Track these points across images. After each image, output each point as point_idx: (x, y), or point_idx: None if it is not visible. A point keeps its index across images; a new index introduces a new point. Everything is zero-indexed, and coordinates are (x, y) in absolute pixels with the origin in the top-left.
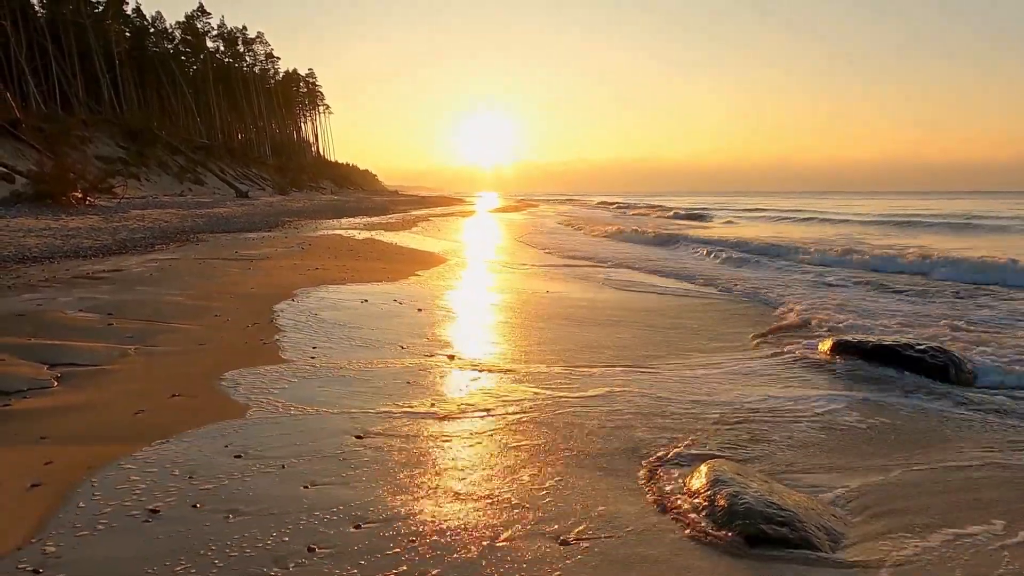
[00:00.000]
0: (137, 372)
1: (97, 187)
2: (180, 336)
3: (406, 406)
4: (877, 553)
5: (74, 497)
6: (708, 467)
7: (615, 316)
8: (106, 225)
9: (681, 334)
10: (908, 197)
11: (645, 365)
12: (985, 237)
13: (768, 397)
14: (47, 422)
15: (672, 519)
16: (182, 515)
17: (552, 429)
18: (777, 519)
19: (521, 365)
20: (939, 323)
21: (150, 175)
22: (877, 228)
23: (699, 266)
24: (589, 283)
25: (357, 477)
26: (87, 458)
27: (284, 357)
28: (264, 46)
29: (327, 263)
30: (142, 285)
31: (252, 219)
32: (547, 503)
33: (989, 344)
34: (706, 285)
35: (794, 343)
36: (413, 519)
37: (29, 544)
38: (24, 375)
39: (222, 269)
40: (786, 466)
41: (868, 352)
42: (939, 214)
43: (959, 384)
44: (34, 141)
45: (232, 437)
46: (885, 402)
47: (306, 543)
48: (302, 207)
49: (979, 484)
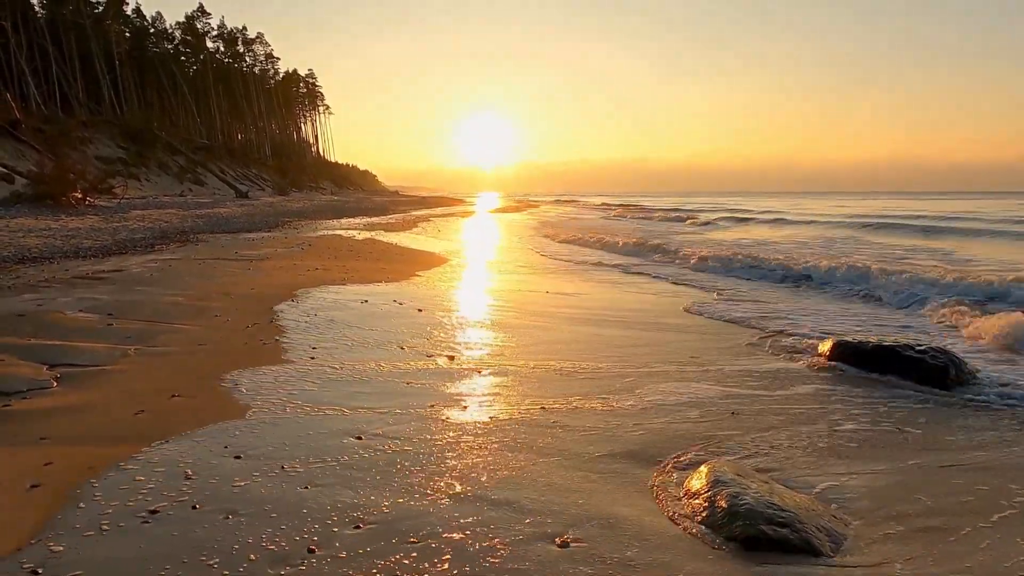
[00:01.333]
0: (137, 373)
1: (97, 188)
2: (180, 336)
3: (405, 407)
4: (878, 555)
5: (74, 498)
6: (708, 468)
7: (614, 317)
8: (106, 225)
9: (677, 335)
10: (905, 198)
11: (644, 366)
12: (946, 239)
13: (767, 398)
14: (47, 423)
15: (672, 520)
16: (182, 516)
17: (551, 430)
18: (778, 520)
19: (521, 366)
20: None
21: (150, 175)
22: (846, 230)
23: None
24: (589, 282)
25: (357, 478)
26: (87, 459)
27: (284, 358)
28: (264, 46)
29: (327, 263)
30: (142, 285)
31: (252, 219)
32: (546, 504)
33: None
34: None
35: (792, 345)
36: (413, 520)
37: (29, 545)
38: (24, 376)
39: (222, 269)
40: (786, 467)
41: (868, 353)
42: (920, 215)
43: (959, 384)
44: (34, 142)
45: (232, 438)
46: (886, 403)
47: (306, 544)
48: (302, 207)
49: (981, 485)
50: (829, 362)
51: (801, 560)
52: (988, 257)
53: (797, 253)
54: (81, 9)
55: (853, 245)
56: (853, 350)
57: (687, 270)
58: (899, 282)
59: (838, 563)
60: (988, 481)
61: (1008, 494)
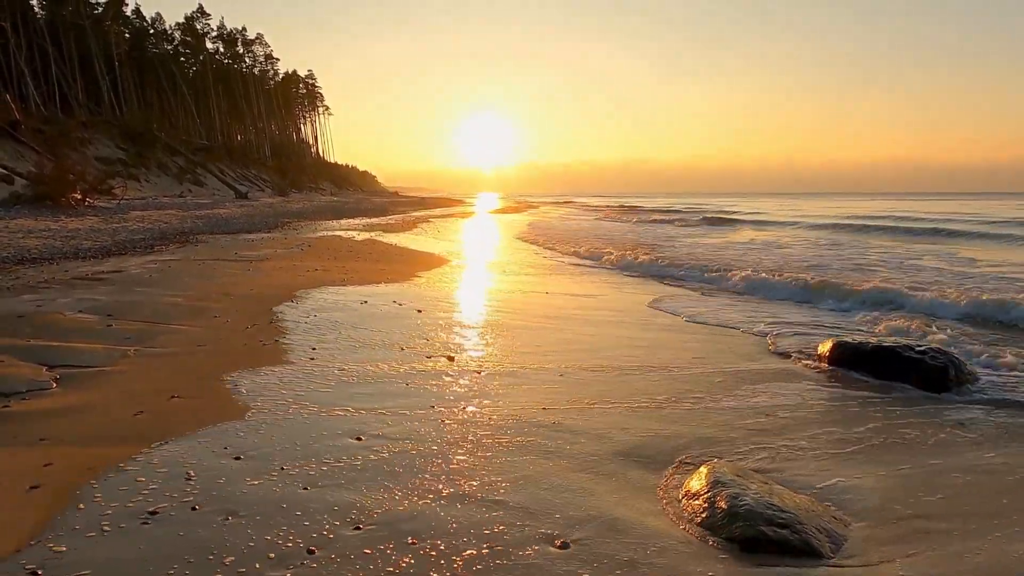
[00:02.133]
0: (136, 373)
1: (97, 188)
2: (180, 337)
3: (405, 408)
4: (878, 556)
5: (74, 499)
6: (708, 469)
7: (614, 318)
8: (105, 226)
9: (677, 337)
10: (903, 199)
11: (641, 368)
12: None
13: (765, 399)
14: (46, 424)
15: (671, 521)
16: (182, 517)
17: (551, 431)
18: (777, 521)
19: (520, 367)
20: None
21: (150, 176)
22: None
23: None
24: (588, 283)
25: (356, 479)
26: (86, 460)
27: (284, 358)
28: (264, 47)
29: (327, 264)
30: (142, 286)
31: (252, 220)
32: (546, 505)
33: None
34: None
35: (791, 346)
36: (413, 521)
37: (29, 546)
38: (23, 376)
39: (222, 270)
40: (786, 468)
41: (868, 354)
42: (906, 217)
43: (959, 385)
44: (34, 143)
45: (231, 439)
46: (886, 404)
47: (305, 545)
48: (301, 208)
49: (981, 486)
50: (828, 363)
51: (801, 561)
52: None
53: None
54: (80, 10)
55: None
56: (853, 351)
57: (677, 278)
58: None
59: (838, 564)
60: (988, 482)
61: (1007, 495)
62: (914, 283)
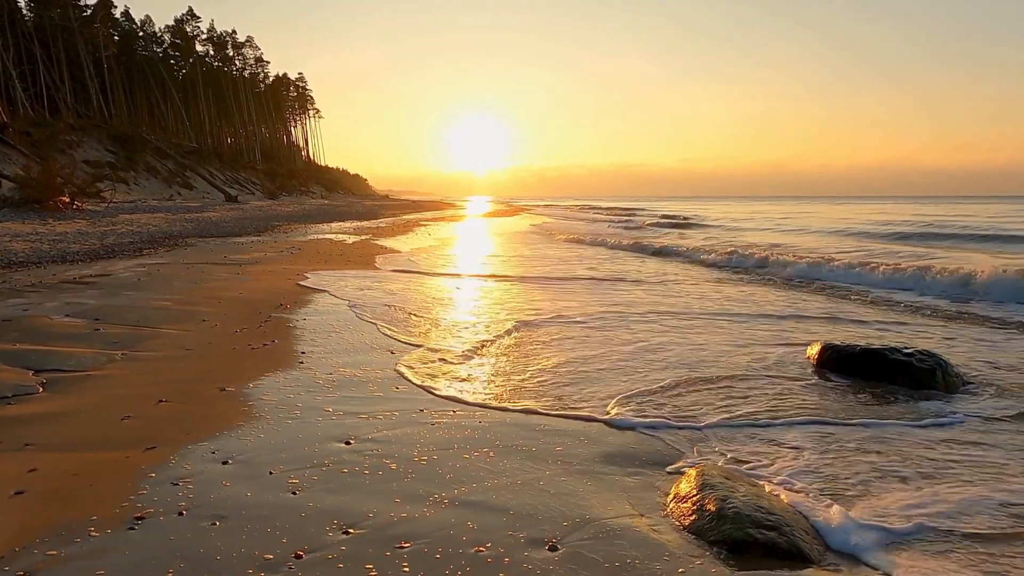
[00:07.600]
0: (124, 378)
1: (85, 191)
2: (167, 341)
3: (395, 411)
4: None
5: (59, 504)
6: (696, 471)
7: (612, 321)
8: (94, 230)
9: (675, 337)
10: (901, 202)
11: (638, 370)
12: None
13: (757, 400)
14: (31, 428)
15: (661, 523)
16: (168, 522)
17: (543, 434)
18: (765, 523)
19: (513, 369)
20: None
21: (139, 179)
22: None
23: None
24: (583, 282)
25: (346, 483)
26: (72, 465)
27: (273, 362)
28: (254, 50)
29: (317, 267)
30: (129, 290)
31: (241, 223)
32: (536, 508)
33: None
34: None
35: (779, 348)
36: (403, 525)
37: (13, 552)
38: (8, 381)
39: (211, 274)
40: (776, 471)
41: (855, 357)
42: (898, 221)
43: (946, 388)
44: (21, 145)
45: (219, 443)
46: (873, 407)
47: (293, 549)
48: (292, 211)
49: (973, 487)
50: (816, 366)
51: (789, 564)
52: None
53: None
54: (69, 12)
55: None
56: (840, 354)
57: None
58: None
59: (826, 565)
60: (979, 483)
61: (1009, 500)
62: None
